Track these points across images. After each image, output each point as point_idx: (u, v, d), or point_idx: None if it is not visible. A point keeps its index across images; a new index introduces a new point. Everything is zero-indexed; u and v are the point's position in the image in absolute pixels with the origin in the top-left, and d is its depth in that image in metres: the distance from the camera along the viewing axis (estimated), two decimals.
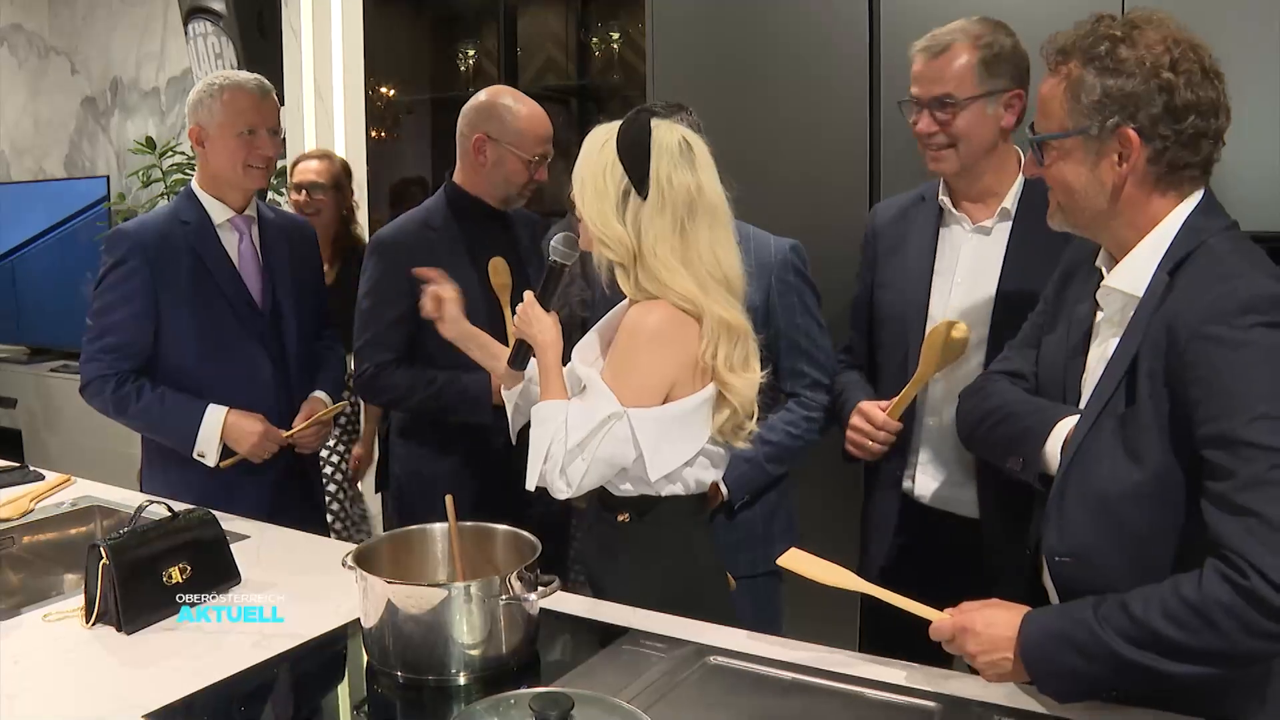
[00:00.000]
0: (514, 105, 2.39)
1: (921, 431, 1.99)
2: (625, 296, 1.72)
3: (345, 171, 3.53)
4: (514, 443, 1.92)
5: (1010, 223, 1.87)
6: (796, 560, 1.50)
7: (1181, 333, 1.26)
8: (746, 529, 2.28)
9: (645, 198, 1.61)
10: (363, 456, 3.43)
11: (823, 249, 2.36)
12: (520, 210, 2.52)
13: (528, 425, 1.73)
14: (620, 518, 1.74)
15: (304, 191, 3.40)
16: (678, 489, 1.72)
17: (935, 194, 2.00)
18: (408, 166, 4.44)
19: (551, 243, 1.77)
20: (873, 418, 1.96)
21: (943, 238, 1.96)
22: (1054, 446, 1.42)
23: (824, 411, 2.26)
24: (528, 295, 1.76)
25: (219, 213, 2.29)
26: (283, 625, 1.62)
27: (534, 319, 1.71)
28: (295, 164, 3.49)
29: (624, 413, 1.61)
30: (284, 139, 2.37)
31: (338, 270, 3.35)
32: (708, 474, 1.76)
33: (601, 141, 1.66)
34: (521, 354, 1.79)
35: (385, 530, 2.79)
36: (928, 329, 1.93)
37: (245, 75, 2.31)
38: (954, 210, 1.94)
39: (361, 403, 3.42)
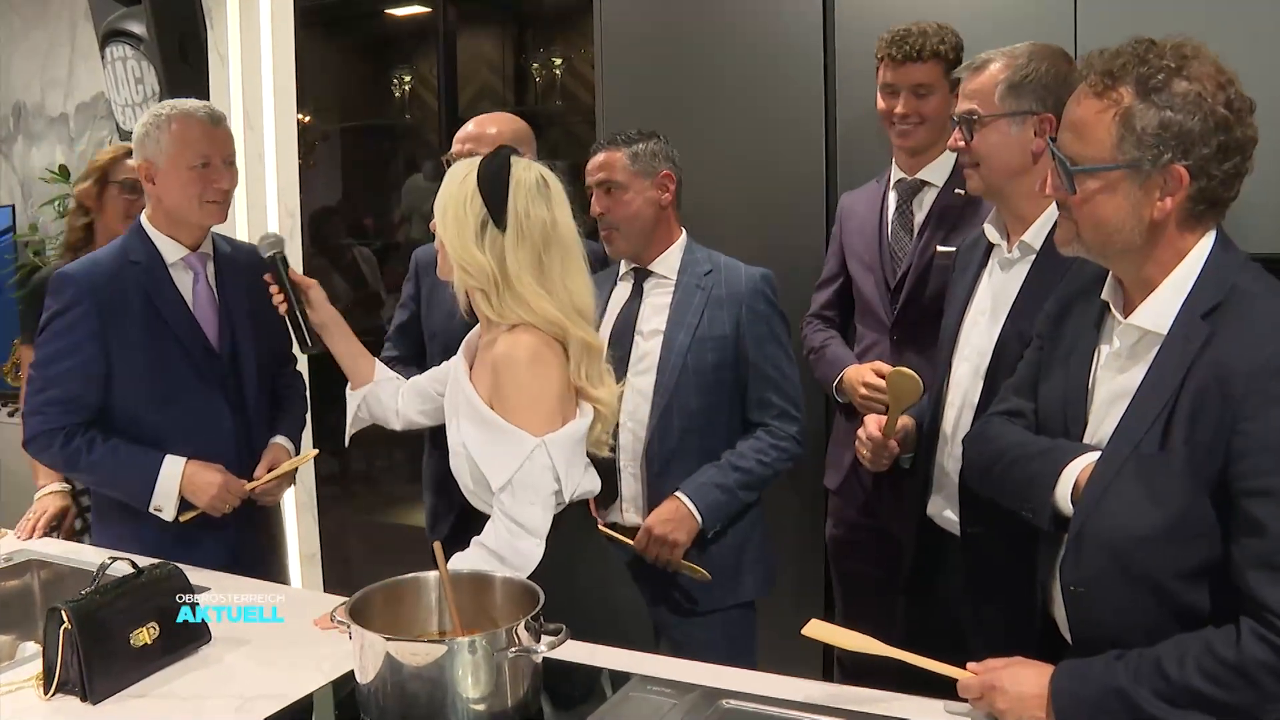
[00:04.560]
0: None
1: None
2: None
3: None
4: (346, 444, 2.10)
5: (1033, 257, 1.83)
6: (819, 630, 1.48)
7: (1238, 385, 1.24)
8: (717, 561, 2.26)
9: (503, 230, 1.70)
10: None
11: (777, 270, 2.35)
12: None
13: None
14: None
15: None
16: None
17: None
18: (341, 194, 4.34)
19: (259, 247, 2.07)
20: (871, 434, 1.97)
21: (989, 266, 1.93)
22: (1064, 491, 1.40)
23: (792, 441, 2.27)
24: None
25: (171, 251, 2.15)
26: (264, 687, 1.52)
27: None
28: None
29: (542, 442, 1.67)
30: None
31: None
32: (592, 478, 1.82)
33: (463, 175, 1.74)
34: (300, 335, 2.03)
35: None
36: (954, 355, 1.93)
37: (194, 103, 2.16)
38: (998, 239, 1.90)
39: None
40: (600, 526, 2.16)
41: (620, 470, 2.27)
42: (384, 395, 2.03)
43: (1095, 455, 1.38)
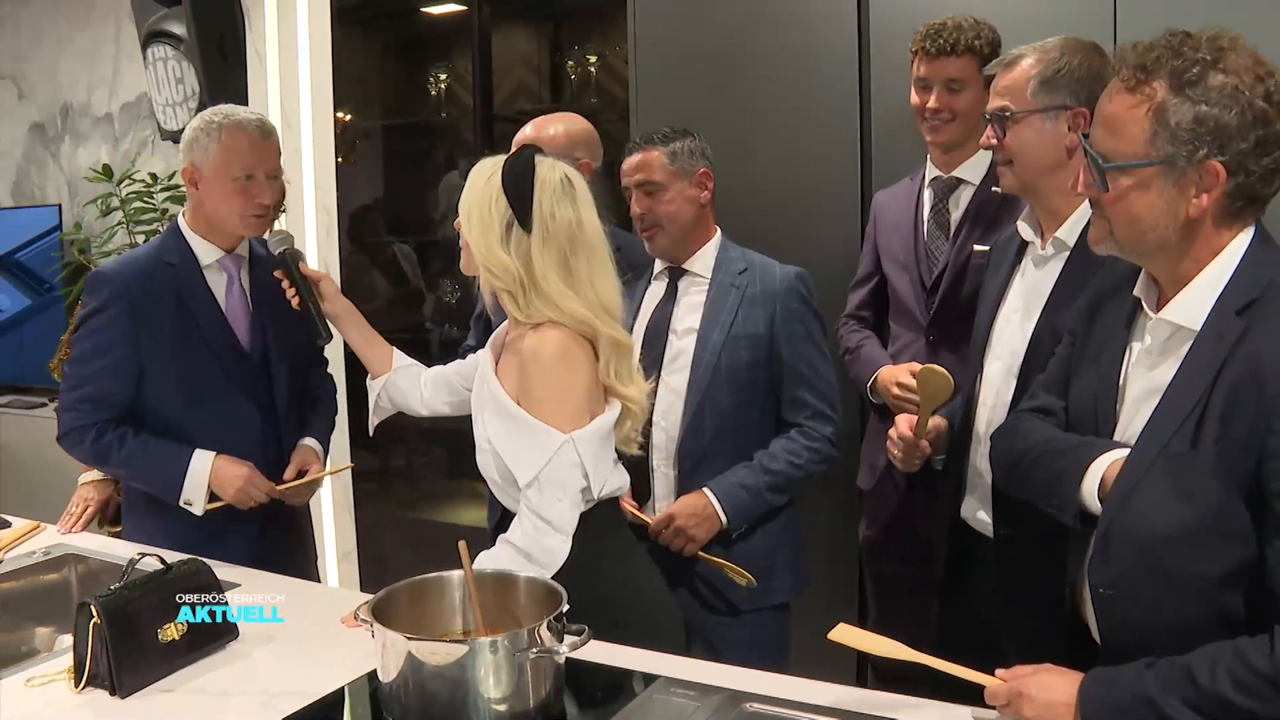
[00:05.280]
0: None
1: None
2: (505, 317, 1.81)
3: None
4: (370, 434, 2.13)
5: (1067, 254, 1.79)
6: (847, 634, 1.46)
7: (1273, 383, 1.20)
8: (751, 562, 2.24)
9: (529, 231, 1.68)
10: None
11: (811, 269, 2.34)
12: None
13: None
14: None
15: None
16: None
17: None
18: (377, 193, 4.36)
19: (270, 245, 2.12)
20: (903, 433, 1.95)
21: (1024, 263, 1.90)
22: (1090, 487, 1.37)
23: (826, 442, 2.24)
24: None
25: (206, 254, 2.17)
26: (290, 684, 1.53)
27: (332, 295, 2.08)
28: None
29: (570, 438, 1.66)
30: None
31: None
32: (622, 475, 1.82)
33: (487, 175, 1.73)
34: (314, 326, 2.08)
35: None
36: (987, 354, 1.90)
37: (246, 114, 2.16)
38: (1032, 236, 1.87)
39: None
40: (623, 503, 2.16)
41: (653, 469, 2.26)
42: (402, 383, 2.04)
43: (1123, 452, 1.35)
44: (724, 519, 2.17)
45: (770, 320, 2.21)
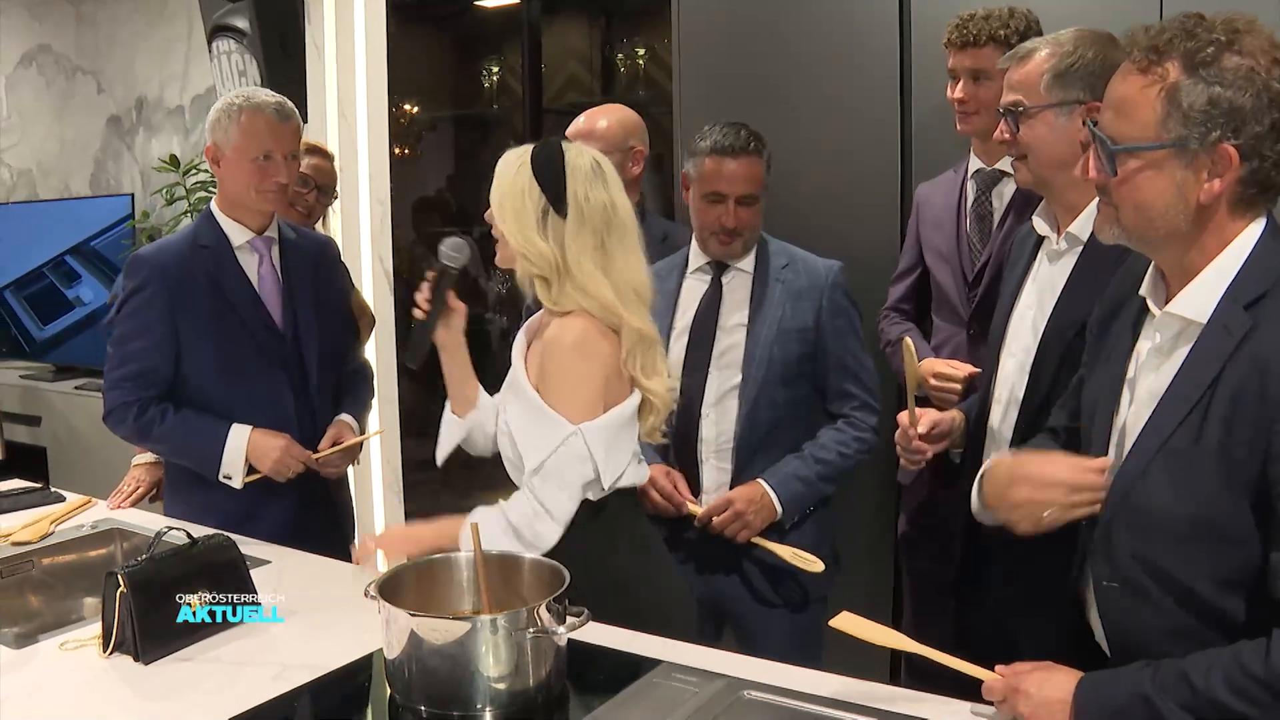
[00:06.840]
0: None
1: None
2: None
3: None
4: (438, 464, 2.04)
5: (1080, 249, 1.76)
6: (848, 622, 1.45)
7: (1278, 382, 1.17)
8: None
9: (564, 216, 1.71)
10: None
11: (852, 262, 2.33)
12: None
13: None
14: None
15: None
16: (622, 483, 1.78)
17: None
18: (431, 184, 4.42)
19: (441, 248, 1.89)
20: (899, 419, 1.94)
21: (1039, 258, 1.87)
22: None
23: (872, 432, 2.26)
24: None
25: (238, 235, 2.25)
26: (305, 658, 1.57)
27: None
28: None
29: (578, 429, 1.68)
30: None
31: None
32: (642, 470, 1.83)
33: (516, 165, 1.75)
34: (414, 348, 1.91)
35: None
36: (1003, 351, 1.88)
37: (266, 96, 2.23)
38: (1047, 231, 1.84)
39: None
40: (689, 504, 2.19)
41: (701, 461, 2.28)
42: (489, 425, 1.95)
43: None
44: (779, 510, 2.20)
45: (816, 313, 2.23)
